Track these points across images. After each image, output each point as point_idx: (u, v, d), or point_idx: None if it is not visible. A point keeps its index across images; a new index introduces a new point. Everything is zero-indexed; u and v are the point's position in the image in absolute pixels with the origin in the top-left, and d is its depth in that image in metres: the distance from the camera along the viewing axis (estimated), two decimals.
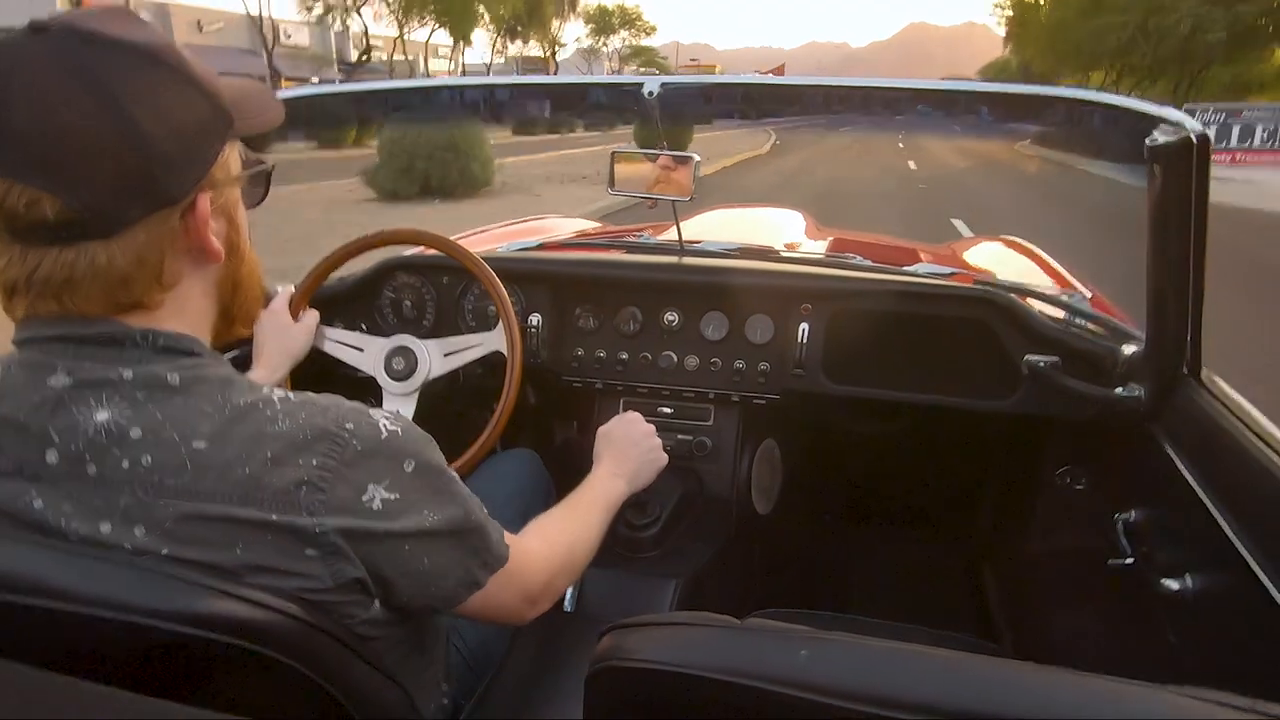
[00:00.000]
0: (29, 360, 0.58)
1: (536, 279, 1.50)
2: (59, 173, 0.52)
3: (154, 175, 0.54)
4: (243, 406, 0.58)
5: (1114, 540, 1.06)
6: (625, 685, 0.49)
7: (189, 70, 0.57)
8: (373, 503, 0.59)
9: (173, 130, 0.55)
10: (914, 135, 17.43)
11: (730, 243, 1.67)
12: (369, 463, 0.60)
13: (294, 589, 0.57)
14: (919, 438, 1.74)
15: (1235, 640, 0.81)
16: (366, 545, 0.59)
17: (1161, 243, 0.91)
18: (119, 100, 0.52)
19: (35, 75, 0.52)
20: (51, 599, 0.51)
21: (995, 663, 0.42)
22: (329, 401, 0.62)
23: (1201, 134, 0.84)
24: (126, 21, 0.55)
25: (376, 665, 0.63)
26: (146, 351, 0.58)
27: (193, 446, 0.56)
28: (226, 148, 0.61)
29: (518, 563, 0.71)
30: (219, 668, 0.54)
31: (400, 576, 0.62)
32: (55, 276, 0.54)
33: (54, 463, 0.56)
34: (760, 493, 1.60)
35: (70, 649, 0.53)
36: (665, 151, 1.37)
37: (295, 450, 0.57)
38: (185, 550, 0.55)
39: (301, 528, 0.57)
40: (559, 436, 1.77)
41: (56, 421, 0.56)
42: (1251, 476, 0.81)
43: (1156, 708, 0.39)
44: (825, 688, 0.42)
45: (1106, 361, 1.18)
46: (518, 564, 0.71)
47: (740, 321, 1.46)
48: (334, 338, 1.27)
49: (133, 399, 0.57)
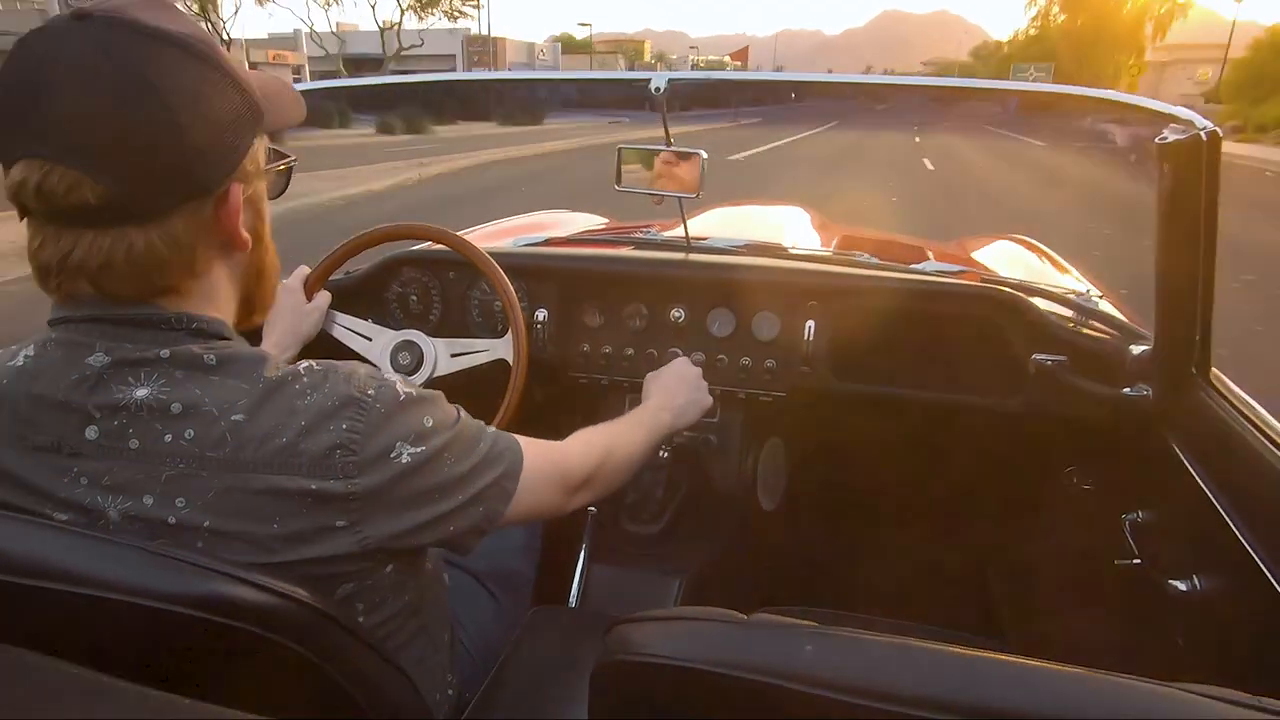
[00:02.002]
0: (65, 339, 0.59)
1: (543, 275, 1.50)
2: (100, 158, 0.53)
3: (191, 165, 0.56)
4: (275, 380, 0.60)
5: (1121, 540, 1.06)
6: (631, 680, 0.49)
7: (224, 64, 0.58)
8: (401, 458, 0.62)
9: (209, 122, 0.56)
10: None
11: (737, 239, 1.67)
12: (392, 423, 0.62)
13: (322, 557, 0.59)
14: (925, 436, 1.73)
15: (1243, 641, 0.80)
16: (398, 503, 0.62)
17: (1170, 241, 0.91)
18: (159, 90, 0.54)
19: (78, 62, 0.53)
20: (61, 582, 0.51)
21: (1001, 659, 0.42)
22: (349, 369, 0.64)
23: (1211, 132, 0.83)
24: (166, 12, 0.57)
25: (382, 653, 0.63)
26: (181, 334, 0.60)
27: (232, 419, 0.57)
28: (256, 141, 0.62)
29: (552, 456, 0.79)
30: (228, 653, 0.55)
31: (430, 520, 0.64)
32: (91, 260, 0.56)
33: (94, 438, 0.58)
34: (766, 490, 1.60)
35: (80, 632, 0.53)
36: (671, 148, 1.36)
37: (325, 417, 0.59)
38: (227, 523, 0.57)
39: (336, 493, 0.59)
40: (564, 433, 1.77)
41: (96, 398, 0.57)
42: (1260, 477, 0.80)
43: (1163, 704, 0.39)
44: (830, 683, 0.42)
45: (1114, 361, 1.18)
46: (551, 458, 0.79)
47: (747, 318, 1.46)
48: (343, 324, 1.28)
49: (171, 376, 0.58)
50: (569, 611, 1.25)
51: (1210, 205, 0.86)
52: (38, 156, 0.53)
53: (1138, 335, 1.22)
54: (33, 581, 0.51)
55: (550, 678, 0.96)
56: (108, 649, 0.52)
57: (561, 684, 0.94)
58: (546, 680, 0.96)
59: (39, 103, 0.53)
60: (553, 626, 1.06)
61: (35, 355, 0.60)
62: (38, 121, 0.53)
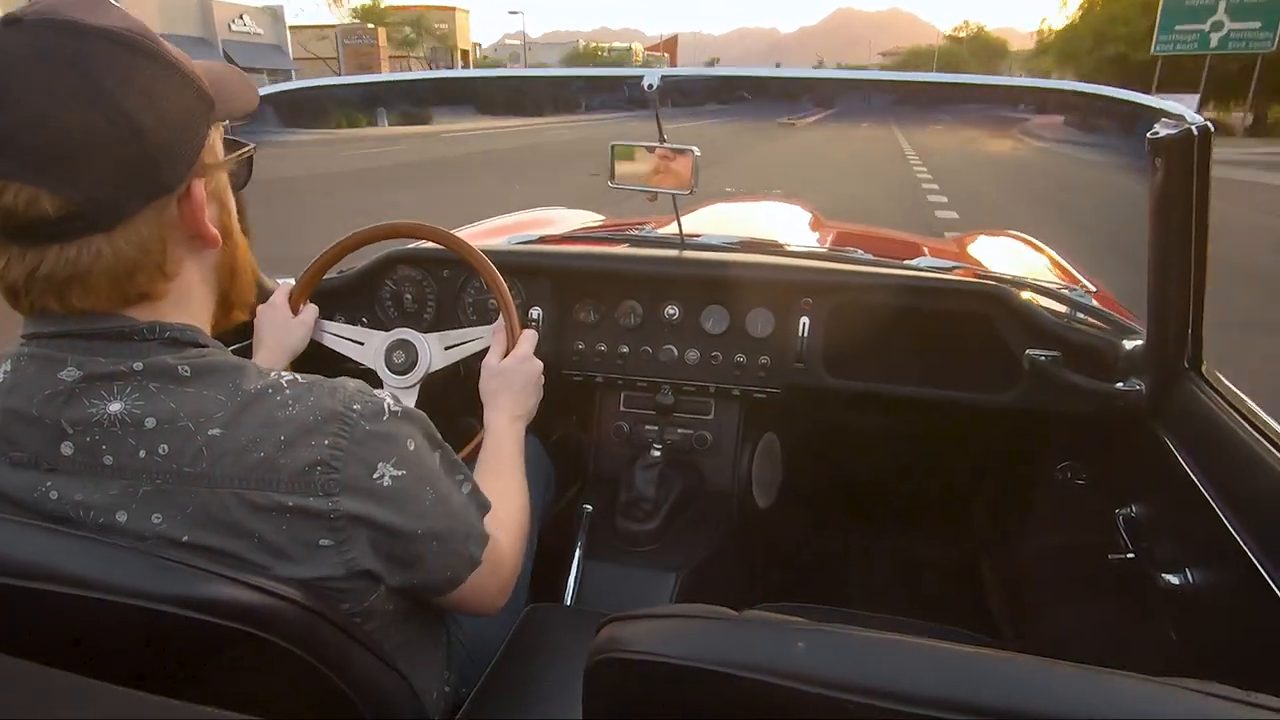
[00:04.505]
0: (38, 354, 0.58)
1: (537, 272, 1.50)
2: (56, 168, 0.51)
3: (150, 164, 0.54)
4: (253, 392, 0.59)
5: (1114, 535, 1.06)
6: (624, 677, 0.49)
7: (169, 56, 0.56)
8: (383, 480, 0.60)
9: (163, 118, 0.55)
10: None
11: (731, 236, 1.67)
12: (377, 442, 0.61)
13: (306, 578, 0.58)
14: (919, 432, 1.74)
15: (1235, 634, 0.81)
16: (376, 527, 0.60)
17: (1163, 236, 0.91)
18: (109, 90, 0.52)
19: (19, 70, 0.50)
20: (56, 584, 0.51)
21: (994, 654, 0.42)
22: (335, 383, 0.62)
23: (1203, 127, 0.83)
24: (100, 8, 0.54)
25: (378, 654, 0.63)
26: (154, 344, 0.58)
27: (208, 434, 0.56)
28: (211, 132, 0.61)
29: (495, 555, 0.73)
30: (224, 654, 0.54)
31: (406, 558, 0.64)
32: (59, 274, 0.54)
33: (69, 454, 0.56)
34: (760, 487, 1.60)
35: (75, 633, 0.53)
36: (664, 144, 1.36)
37: (307, 432, 0.58)
38: (204, 537, 0.56)
39: (317, 511, 0.57)
40: (558, 430, 1.77)
41: (69, 414, 0.56)
42: (1252, 471, 0.81)
43: (1155, 700, 0.39)
44: (823, 679, 0.42)
45: (1107, 356, 1.18)
46: (495, 556, 0.73)
47: (741, 315, 1.46)
48: (333, 332, 1.27)
49: (145, 390, 0.57)
50: (564, 609, 1.25)
51: (1202, 200, 0.87)
52: None
53: (1130, 330, 1.22)
54: (26, 583, 0.51)
55: (545, 675, 0.96)
56: (100, 651, 0.52)
57: (556, 681, 0.94)
58: (542, 678, 0.96)
59: None
60: (548, 624, 1.06)
61: (11, 370, 0.58)
62: None
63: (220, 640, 0.53)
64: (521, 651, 1.00)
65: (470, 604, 0.74)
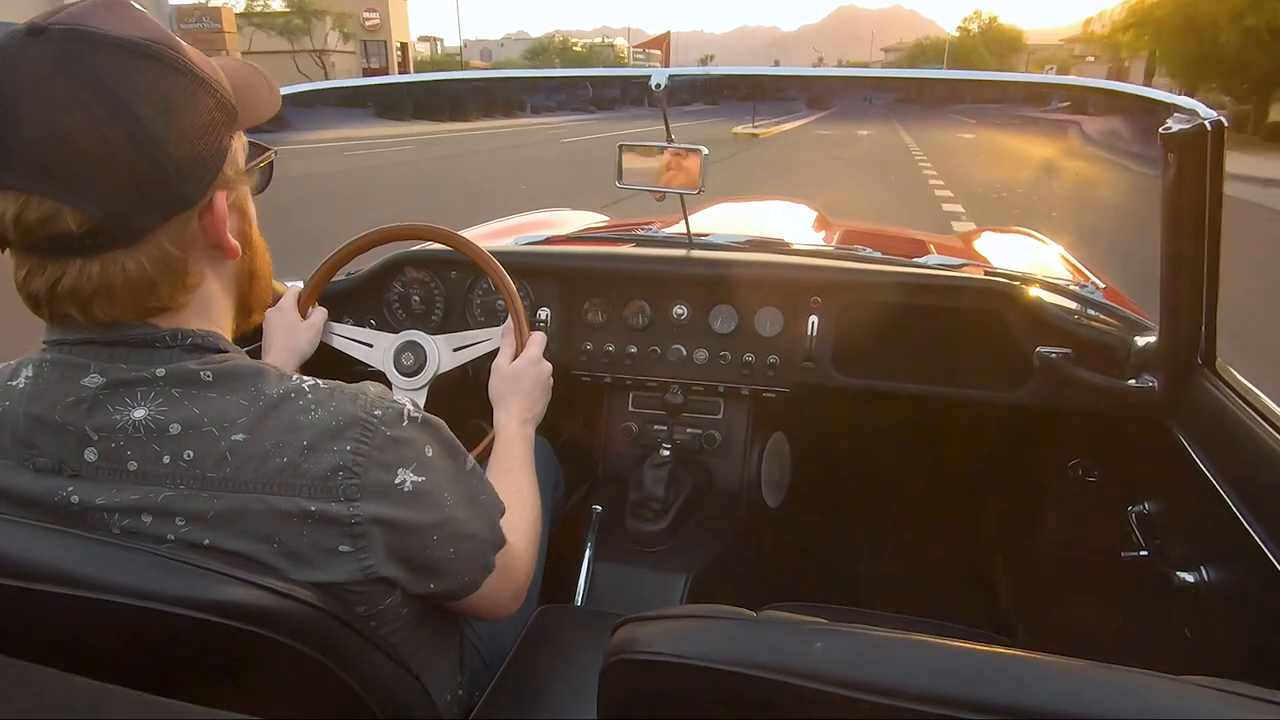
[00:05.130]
0: (60, 360, 0.58)
1: (545, 273, 1.50)
2: (77, 183, 0.51)
3: (170, 180, 0.54)
4: (276, 397, 0.59)
5: (1127, 532, 1.06)
6: (640, 678, 0.49)
7: (192, 65, 0.56)
8: (404, 485, 0.61)
9: (184, 132, 0.54)
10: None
11: (739, 235, 1.67)
12: (397, 447, 0.61)
13: (322, 582, 0.58)
14: (929, 430, 1.73)
15: (1251, 632, 0.80)
16: (395, 533, 0.61)
17: (1176, 232, 0.90)
18: (130, 106, 0.51)
19: (41, 83, 0.50)
20: (68, 586, 0.51)
21: (1010, 654, 0.42)
22: (357, 388, 0.63)
23: (1216, 122, 0.83)
24: (125, 15, 0.54)
25: (392, 656, 0.63)
26: (177, 350, 0.59)
27: (232, 439, 0.57)
28: (234, 142, 0.60)
29: (510, 560, 0.74)
30: (237, 656, 0.55)
31: (424, 564, 0.64)
32: (82, 288, 0.54)
33: (93, 460, 0.57)
34: (770, 486, 1.60)
35: (88, 636, 0.53)
36: (672, 144, 1.36)
37: (329, 437, 0.58)
38: (225, 541, 0.56)
39: (338, 516, 0.57)
40: (566, 431, 1.77)
41: (93, 420, 0.56)
42: (1266, 467, 0.80)
43: (1172, 698, 0.39)
44: (841, 679, 0.41)
45: (1119, 353, 1.17)
46: (510, 561, 0.74)
47: (749, 314, 1.45)
48: (342, 334, 1.27)
49: (168, 395, 0.57)
50: (575, 610, 1.25)
51: (1215, 195, 0.86)
52: (9, 188, 0.51)
53: (1142, 326, 1.22)
54: (38, 586, 0.51)
55: (558, 676, 0.96)
56: (114, 654, 0.52)
57: (569, 682, 0.94)
58: (554, 679, 0.96)
59: (2, 130, 0.50)
60: (559, 625, 1.06)
61: (33, 376, 0.59)
62: (1, 151, 0.50)
63: (234, 642, 0.53)
64: (534, 652, 1.00)
65: (484, 609, 0.74)
